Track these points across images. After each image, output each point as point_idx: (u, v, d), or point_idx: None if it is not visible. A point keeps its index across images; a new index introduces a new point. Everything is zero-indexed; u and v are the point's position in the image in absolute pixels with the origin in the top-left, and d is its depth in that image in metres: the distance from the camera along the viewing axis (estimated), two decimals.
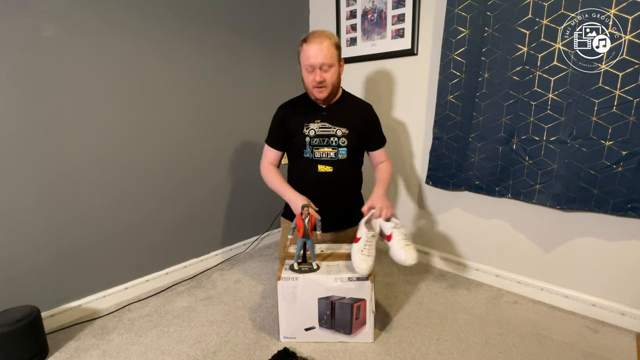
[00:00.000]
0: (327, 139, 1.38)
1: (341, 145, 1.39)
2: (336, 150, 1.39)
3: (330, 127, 1.39)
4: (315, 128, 1.38)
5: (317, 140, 1.38)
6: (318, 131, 1.38)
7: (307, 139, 1.38)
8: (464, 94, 1.56)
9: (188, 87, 1.67)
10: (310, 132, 1.38)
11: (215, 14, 1.72)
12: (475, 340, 1.28)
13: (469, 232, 1.74)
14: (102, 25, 1.38)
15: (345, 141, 1.38)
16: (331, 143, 1.38)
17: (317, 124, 1.39)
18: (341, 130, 1.38)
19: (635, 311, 1.34)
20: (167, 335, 1.33)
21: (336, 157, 1.39)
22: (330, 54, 1.30)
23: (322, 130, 1.38)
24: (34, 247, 1.32)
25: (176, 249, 1.76)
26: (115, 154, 1.48)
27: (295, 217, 1.22)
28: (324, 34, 1.32)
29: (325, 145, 1.38)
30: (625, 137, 1.21)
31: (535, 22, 1.32)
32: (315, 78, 1.31)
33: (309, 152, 1.39)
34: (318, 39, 1.29)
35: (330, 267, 1.24)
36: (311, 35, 1.31)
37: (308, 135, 1.38)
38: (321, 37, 1.30)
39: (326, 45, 1.29)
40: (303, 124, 1.39)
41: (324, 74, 1.31)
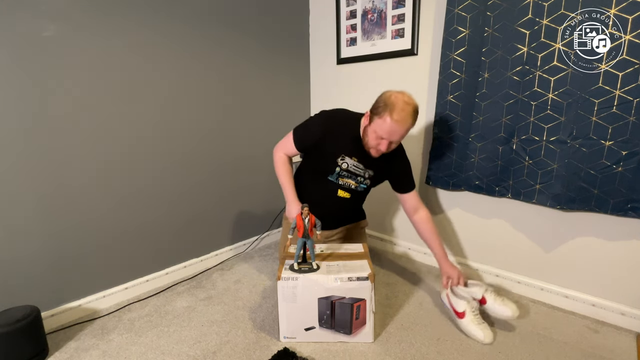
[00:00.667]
0: (355, 176, 1.43)
1: (363, 183, 1.45)
2: (357, 185, 1.45)
3: (362, 168, 1.42)
4: (349, 163, 1.41)
5: (346, 173, 1.42)
6: (350, 167, 1.41)
7: (338, 169, 1.41)
8: (464, 94, 1.56)
9: (188, 89, 1.67)
10: (344, 165, 1.41)
11: (214, 14, 1.72)
12: (475, 340, 1.28)
13: (469, 232, 1.74)
14: (102, 26, 1.38)
15: (369, 182, 1.47)
16: (357, 180, 1.44)
17: (353, 160, 1.41)
18: (369, 172, 1.44)
19: (635, 311, 1.34)
20: (167, 335, 1.33)
21: (357, 189, 1.46)
22: (405, 134, 1.29)
23: (354, 168, 1.42)
24: (34, 247, 1.32)
25: (176, 249, 1.76)
26: (114, 154, 1.48)
27: (296, 217, 1.23)
28: (411, 111, 1.25)
29: (350, 179, 1.43)
30: (625, 137, 1.21)
31: (535, 22, 1.32)
32: (382, 148, 1.31)
33: (334, 178, 1.43)
34: (404, 120, 1.24)
35: (330, 267, 1.24)
36: (399, 110, 1.23)
37: (340, 167, 1.41)
38: (408, 117, 1.24)
39: (409, 124, 1.26)
40: (340, 154, 1.40)
41: (392, 145, 1.32)
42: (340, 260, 1.30)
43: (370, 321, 1.24)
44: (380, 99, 1.30)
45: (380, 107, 1.27)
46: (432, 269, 1.85)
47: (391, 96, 1.27)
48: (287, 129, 2.26)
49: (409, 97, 1.28)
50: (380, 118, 1.26)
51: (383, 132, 1.27)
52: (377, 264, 1.90)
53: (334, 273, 1.21)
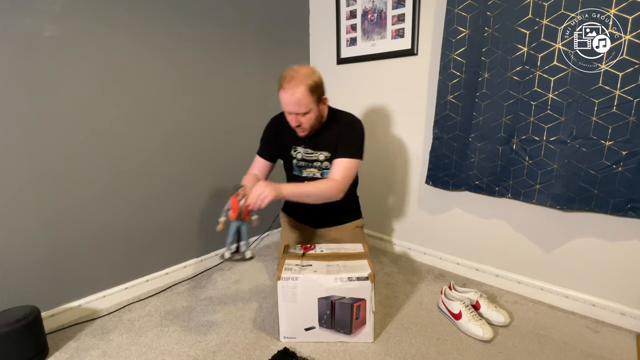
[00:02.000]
0: (311, 162, 1.42)
1: (324, 168, 1.42)
2: (322, 172, 1.42)
3: (312, 152, 1.41)
4: (301, 151, 1.42)
5: (303, 162, 1.43)
6: (304, 155, 1.42)
7: (295, 161, 1.44)
8: (464, 94, 1.56)
9: (188, 88, 1.67)
10: (297, 155, 1.43)
11: (215, 13, 1.72)
12: (475, 340, 1.28)
13: (469, 232, 1.74)
14: (102, 25, 1.38)
15: (328, 164, 1.40)
16: (315, 166, 1.42)
17: (303, 148, 1.42)
18: (323, 154, 1.40)
19: (635, 311, 1.34)
20: (167, 335, 1.33)
21: (322, 176, 1.43)
22: (305, 103, 1.23)
23: (307, 155, 1.42)
24: (34, 247, 1.32)
25: (176, 249, 1.76)
26: (115, 154, 1.48)
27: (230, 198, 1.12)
28: (298, 78, 1.21)
29: (311, 167, 1.43)
30: (625, 137, 1.21)
31: (535, 22, 1.32)
32: (292, 123, 1.31)
33: (298, 172, 1.45)
34: (291, 89, 1.21)
35: (330, 267, 1.24)
36: (286, 81, 1.22)
37: (295, 158, 1.44)
38: (294, 86, 1.21)
39: (299, 94, 1.21)
40: (291, 146, 1.44)
41: (301, 118, 1.28)
42: (340, 260, 1.30)
43: (370, 321, 1.24)
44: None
45: (278, 83, 1.27)
46: (432, 269, 1.85)
47: (285, 69, 1.26)
48: None
49: (307, 67, 1.27)
50: (279, 95, 1.26)
51: (285, 106, 1.27)
52: (377, 264, 1.90)
53: (334, 273, 1.21)
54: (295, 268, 1.24)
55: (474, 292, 1.44)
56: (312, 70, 1.28)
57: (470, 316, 1.32)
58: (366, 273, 1.20)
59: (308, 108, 1.26)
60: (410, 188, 1.92)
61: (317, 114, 1.31)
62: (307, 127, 1.32)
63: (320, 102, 1.31)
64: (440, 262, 1.87)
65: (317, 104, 1.29)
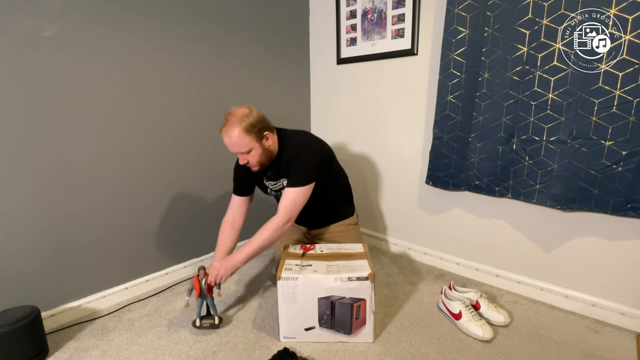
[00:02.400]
0: (280, 191, 1.45)
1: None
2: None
3: (275, 182, 1.46)
4: (269, 185, 1.49)
5: (274, 193, 1.50)
6: (272, 187, 1.49)
7: (269, 190, 1.51)
8: (464, 94, 1.56)
9: (188, 88, 1.67)
10: (269, 185, 1.49)
11: (215, 14, 1.72)
12: (475, 340, 1.28)
13: (469, 232, 1.74)
14: (102, 25, 1.38)
15: None
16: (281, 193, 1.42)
17: (268, 181, 1.48)
18: (283, 182, 1.43)
19: (635, 311, 1.34)
20: (167, 335, 1.33)
21: None
22: (243, 143, 1.27)
23: (274, 186, 1.48)
24: (34, 247, 1.32)
25: (176, 249, 1.76)
26: (115, 154, 1.48)
27: (193, 279, 1.31)
28: (233, 120, 1.26)
29: (280, 193, 1.45)
30: (625, 137, 1.21)
31: (535, 22, 1.32)
32: (241, 161, 1.34)
33: (272, 194, 1.52)
34: (227, 132, 1.26)
35: (330, 267, 1.24)
36: (223, 124, 1.28)
37: (269, 188, 1.50)
38: (229, 128, 1.26)
39: (235, 136, 1.25)
40: (262, 179, 1.49)
41: (246, 156, 1.32)
42: (340, 260, 1.30)
43: (370, 321, 1.24)
44: None
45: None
46: (432, 269, 1.85)
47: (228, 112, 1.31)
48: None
49: (245, 108, 1.31)
50: None
51: (228, 147, 1.31)
52: (377, 264, 1.90)
53: (334, 273, 1.21)
54: (295, 268, 1.24)
55: (474, 292, 1.44)
56: (248, 111, 1.30)
57: (470, 316, 1.32)
58: (366, 273, 1.20)
59: (248, 147, 1.29)
60: (410, 188, 1.92)
61: (262, 150, 1.33)
62: (255, 164, 1.35)
63: (262, 138, 1.32)
64: (440, 262, 1.87)
65: (258, 141, 1.30)
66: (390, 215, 2.05)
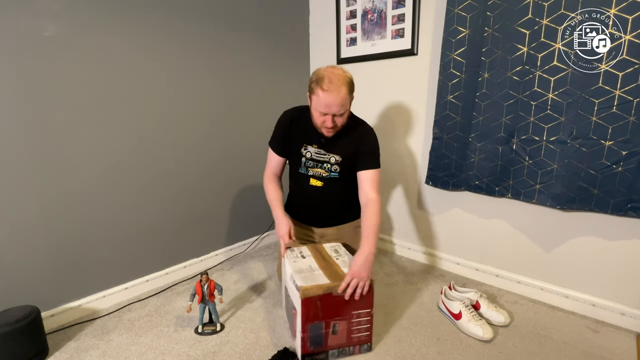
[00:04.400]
0: (321, 163, 1.42)
1: (333, 171, 1.42)
2: (328, 173, 1.43)
3: (325, 154, 1.41)
4: (312, 151, 1.42)
5: (311, 162, 1.43)
6: (314, 155, 1.42)
7: (303, 159, 1.43)
8: (464, 94, 1.56)
9: (189, 89, 1.67)
10: (307, 154, 1.42)
11: (215, 13, 1.72)
12: (475, 340, 1.28)
13: (468, 232, 1.74)
14: (103, 25, 1.37)
15: (337, 168, 1.42)
16: (324, 167, 1.42)
17: (315, 148, 1.41)
18: (335, 157, 1.41)
19: (635, 311, 1.34)
20: (167, 335, 1.33)
21: (328, 177, 1.43)
22: (346, 102, 1.25)
23: (318, 155, 1.42)
24: (35, 247, 1.32)
25: (176, 249, 1.76)
26: (115, 154, 1.48)
27: (195, 285, 1.32)
28: (341, 79, 1.23)
29: (318, 167, 1.43)
30: (625, 137, 1.21)
31: (535, 22, 1.32)
32: (327, 124, 1.28)
33: (304, 170, 1.45)
34: (336, 89, 1.21)
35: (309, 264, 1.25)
36: (327, 81, 1.21)
37: (304, 157, 1.43)
38: (339, 86, 1.21)
39: (343, 93, 1.22)
40: (303, 144, 1.42)
41: (337, 118, 1.28)
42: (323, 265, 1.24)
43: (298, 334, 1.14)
44: (311, 77, 1.29)
45: (312, 83, 1.26)
46: (432, 269, 1.85)
47: (320, 70, 1.26)
48: None
49: (339, 68, 1.27)
50: (315, 94, 1.26)
51: (321, 106, 1.25)
52: (377, 263, 1.90)
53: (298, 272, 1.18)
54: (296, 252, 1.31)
55: (474, 292, 1.44)
56: (344, 70, 1.29)
57: (470, 316, 1.32)
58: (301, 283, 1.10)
59: (347, 108, 1.28)
60: (410, 188, 1.92)
61: (349, 114, 1.33)
62: (339, 127, 1.32)
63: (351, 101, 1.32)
64: (440, 262, 1.87)
65: (350, 103, 1.31)
66: (390, 215, 2.05)
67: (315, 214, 1.54)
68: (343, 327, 1.16)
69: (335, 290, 1.12)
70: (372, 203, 1.34)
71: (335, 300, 1.12)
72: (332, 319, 1.14)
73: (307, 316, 1.11)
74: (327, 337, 1.16)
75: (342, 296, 1.12)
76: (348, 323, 1.16)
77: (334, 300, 1.12)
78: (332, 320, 1.14)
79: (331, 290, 1.11)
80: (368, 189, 1.36)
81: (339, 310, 1.14)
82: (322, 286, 1.10)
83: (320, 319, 1.13)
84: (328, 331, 1.15)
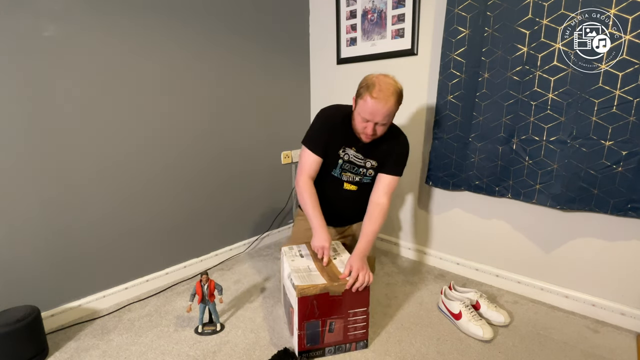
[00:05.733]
0: (357, 167, 1.41)
1: (367, 175, 1.42)
2: (361, 178, 1.43)
3: (363, 158, 1.39)
4: (350, 154, 1.38)
5: (348, 165, 1.40)
6: (352, 158, 1.39)
7: (340, 161, 1.39)
8: (464, 94, 1.56)
9: (189, 89, 1.67)
10: (345, 156, 1.39)
11: (214, 14, 1.72)
12: (475, 340, 1.28)
13: (469, 232, 1.74)
14: (102, 26, 1.37)
15: (372, 172, 1.42)
16: (359, 172, 1.42)
17: (353, 151, 1.38)
18: (371, 162, 1.40)
19: (635, 311, 1.34)
20: (167, 335, 1.33)
21: (361, 181, 1.43)
22: (392, 113, 1.23)
23: (356, 159, 1.39)
24: (35, 247, 1.32)
25: (176, 249, 1.76)
26: (115, 155, 1.48)
27: (195, 284, 1.32)
28: (391, 89, 1.20)
29: (353, 172, 1.41)
30: (625, 137, 1.21)
31: (535, 22, 1.32)
32: (367, 131, 1.25)
33: (337, 173, 1.42)
34: (385, 98, 1.18)
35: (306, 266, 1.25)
36: (377, 89, 1.19)
37: (342, 159, 1.39)
38: (388, 95, 1.19)
39: (391, 103, 1.20)
40: (341, 146, 1.38)
41: (379, 127, 1.25)
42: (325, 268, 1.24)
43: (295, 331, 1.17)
44: (362, 82, 1.27)
45: (362, 88, 1.24)
46: (432, 269, 1.85)
47: (372, 77, 1.24)
48: (287, 129, 2.25)
49: (391, 77, 1.25)
50: (362, 99, 1.23)
51: (365, 113, 1.22)
52: (377, 264, 1.90)
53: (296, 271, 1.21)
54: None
55: (474, 292, 1.44)
56: (395, 80, 1.25)
57: (470, 316, 1.32)
58: (298, 282, 1.13)
59: (391, 119, 1.26)
60: (410, 188, 1.92)
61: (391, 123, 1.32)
62: (378, 136, 1.30)
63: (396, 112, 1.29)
64: (440, 262, 1.87)
65: (395, 114, 1.28)
66: (390, 215, 2.05)
67: (342, 215, 1.51)
68: (339, 325, 1.18)
69: (332, 290, 1.13)
70: (381, 208, 1.36)
71: (332, 300, 1.14)
72: (328, 317, 1.16)
73: (303, 314, 1.14)
74: (324, 335, 1.18)
75: (338, 296, 1.14)
76: (344, 321, 1.18)
77: (330, 299, 1.14)
78: (328, 319, 1.16)
79: (327, 290, 1.13)
80: (382, 192, 1.38)
81: (335, 309, 1.16)
82: (319, 286, 1.12)
83: (317, 317, 1.15)
84: (324, 329, 1.17)
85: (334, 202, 1.44)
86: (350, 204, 1.47)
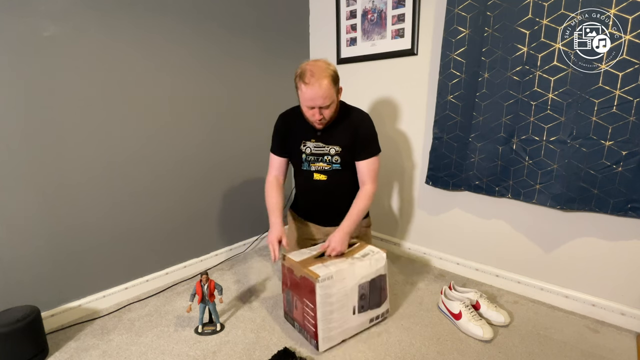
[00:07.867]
0: (321, 156, 1.42)
1: (334, 162, 1.42)
2: (330, 166, 1.43)
3: (324, 146, 1.41)
4: (311, 146, 1.42)
5: (312, 157, 1.44)
6: (313, 149, 1.42)
7: (304, 155, 1.44)
8: (464, 94, 1.56)
9: (188, 89, 1.67)
10: (307, 149, 1.43)
11: (215, 14, 1.72)
12: (475, 340, 1.28)
13: (468, 232, 1.74)
14: (103, 26, 1.38)
15: (338, 159, 1.42)
16: (325, 160, 1.42)
17: (313, 142, 1.42)
18: (334, 148, 1.41)
19: (635, 311, 1.34)
20: (167, 335, 1.33)
21: (330, 169, 1.44)
22: (330, 93, 1.25)
23: (317, 149, 1.42)
24: (35, 247, 1.32)
25: (176, 249, 1.76)
26: (115, 155, 1.48)
27: (195, 284, 1.33)
28: (321, 71, 1.23)
29: (319, 161, 1.43)
30: (625, 137, 1.21)
31: (535, 22, 1.32)
32: (316, 117, 1.30)
33: (306, 166, 1.46)
34: (317, 82, 1.22)
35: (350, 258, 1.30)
36: (309, 75, 1.23)
37: (304, 153, 1.44)
38: (320, 78, 1.22)
39: (325, 85, 1.23)
40: (301, 141, 1.44)
41: (324, 111, 1.29)
42: (350, 255, 1.32)
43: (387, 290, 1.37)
44: (295, 73, 1.30)
45: (296, 79, 1.28)
46: (432, 269, 1.85)
47: (302, 65, 1.28)
48: None
49: (322, 60, 1.29)
50: (299, 89, 1.28)
51: (306, 100, 1.26)
52: None
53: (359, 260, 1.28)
54: (322, 268, 1.22)
55: (474, 292, 1.44)
56: (327, 62, 1.30)
57: (470, 316, 1.32)
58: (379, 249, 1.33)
59: (332, 99, 1.28)
60: (410, 188, 1.92)
61: (337, 105, 1.34)
62: (327, 120, 1.33)
63: (339, 92, 1.33)
64: (440, 262, 1.87)
65: (337, 95, 1.32)
66: (390, 215, 2.05)
67: (323, 210, 1.53)
68: (300, 307, 1.28)
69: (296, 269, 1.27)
70: (365, 191, 1.42)
71: (296, 280, 1.28)
72: (293, 292, 1.31)
73: (284, 280, 1.36)
74: (293, 308, 1.33)
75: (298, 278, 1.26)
76: (302, 305, 1.26)
77: (294, 278, 1.29)
78: (293, 294, 1.31)
79: (293, 268, 1.28)
80: (365, 178, 1.42)
81: (295, 288, 1.29)
82: (292, 261, 1.28)
83: (288, 287, 1.34)
84: (293, 302, 1.31)
85: (310, 195, 1.51)
86: (325, 194, 1.47)
